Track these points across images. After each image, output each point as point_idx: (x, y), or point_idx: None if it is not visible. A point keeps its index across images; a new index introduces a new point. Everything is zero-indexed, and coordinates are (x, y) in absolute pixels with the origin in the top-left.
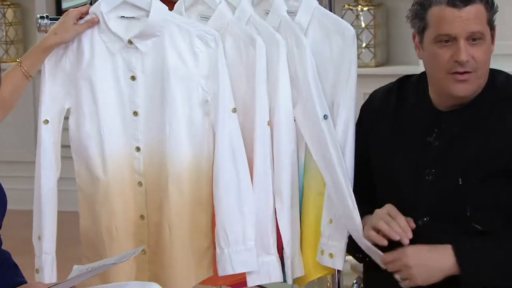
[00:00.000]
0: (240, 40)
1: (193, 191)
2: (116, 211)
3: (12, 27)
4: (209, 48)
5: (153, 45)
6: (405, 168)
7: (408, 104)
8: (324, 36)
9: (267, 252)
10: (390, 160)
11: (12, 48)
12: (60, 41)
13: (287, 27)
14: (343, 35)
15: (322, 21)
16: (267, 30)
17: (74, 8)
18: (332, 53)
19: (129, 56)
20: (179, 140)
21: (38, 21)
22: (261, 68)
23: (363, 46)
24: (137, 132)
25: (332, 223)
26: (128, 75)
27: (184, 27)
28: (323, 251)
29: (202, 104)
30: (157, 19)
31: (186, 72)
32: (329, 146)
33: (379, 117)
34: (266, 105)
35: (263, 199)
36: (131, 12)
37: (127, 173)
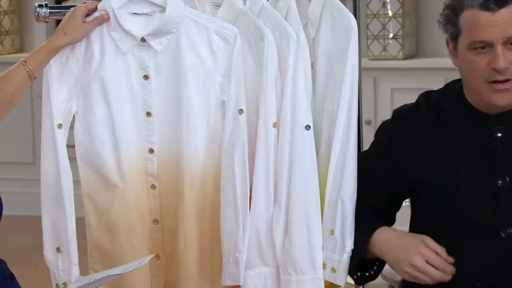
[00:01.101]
0: (249, 32)
1: (210, 196)
2: (135, 218)
3: (8, 16)
4: (227, 45)
5: (168, 43)
6: (472, 179)
7: (448, 115)
8: (333, 28)
9: (265, 264)
10: (451, 174)
11: (7, 39)
12: (70, 42)
13: (266, 15)
14: (345, 27)
15: (332, 12)
16: (280, 23)
17: (80, 5)
18: (337, 47)
19: (141, 55)
20: (196, 142)
21: (37, 10)
22: (270, 63)
23: (390, 36)
24: (150, 134)
25: (333, 234)
26: (141, 74)
27: (202, 23)
28: (325, 265)
29: (219, 104)
30: (174, 15)
31: (203, 71)
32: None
33: (418, 133)
34: (274, 105)
35: (262, 206)
36: (144, 8)
37: (140, 176)
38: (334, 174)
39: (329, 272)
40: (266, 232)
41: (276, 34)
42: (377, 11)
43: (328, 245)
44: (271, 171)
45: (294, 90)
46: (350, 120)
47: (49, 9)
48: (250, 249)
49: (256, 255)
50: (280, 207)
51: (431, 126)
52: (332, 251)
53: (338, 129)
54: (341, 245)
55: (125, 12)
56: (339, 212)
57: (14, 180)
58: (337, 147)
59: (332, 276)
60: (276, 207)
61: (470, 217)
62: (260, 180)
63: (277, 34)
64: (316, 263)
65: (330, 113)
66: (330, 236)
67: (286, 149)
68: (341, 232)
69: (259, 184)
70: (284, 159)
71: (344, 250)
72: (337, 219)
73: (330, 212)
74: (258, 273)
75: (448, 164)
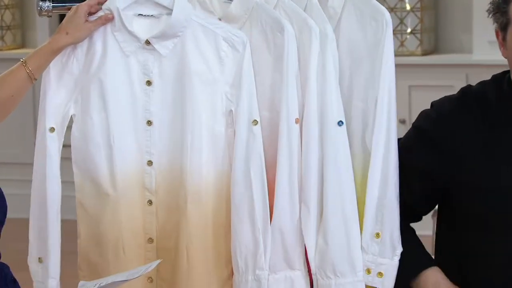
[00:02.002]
0: (266, 25)
1: (214, 211)
2: (125, 232)
3: (9, 11)
4: (235, 52)
5: (174, 47)
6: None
7: (495, 108)
8: (359, 21)
9: (291, 267)
10: (495, 170)
11: (8, 34)
12: (72, 42)
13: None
14: (377, 20)
15: (356, 4)
16: (299, 15)
17: (83, 3)
18: (366, 41)
19: (145, 59)
20: (201, 154)
21: (39, 3)
22: (290, 57)
23: (408, 31)
24: (149, 144)
25: (379, 237)
26: (144, 79)
27: (210, 28)
28: (370, 269)
29: (226, 114)
30: (181, 18)
31: (210, 78)
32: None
33: (463, 126)
34: (295, 100)
35: (287, 206)
36: (150, 10)
37: (136, 190)
38: (380, 175)
39: (375, 276)
40: (292, 234)
41: (295, 27)
42: (395, 5)
43: (372, 249)
44: (295, 169)
45: (323, 85)
46: (390, 118)
47: (52, 3)
48: (274, 252)
49: (281, 258)
50: (309, 207)
51: (477, 120)
52: (380, 255)
53: (379, 128)
54: (391, 248)
55: (131, 14)
56: (387, 214)
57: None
58: (380, 146)
59: (379, 281)
60: (303, 207)
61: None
62: (283, 179)
63: (296, 27)
64: (356, 265)
65: (361, 111)
66: (374, 239)
67: (315, 146)
68: (390, 234)
69: (282, 183)
70: (311, 156)
71: (394, 253)
72: (384, 221)
73: (374, 214)
74: (284, 277)
75: (492, 160)
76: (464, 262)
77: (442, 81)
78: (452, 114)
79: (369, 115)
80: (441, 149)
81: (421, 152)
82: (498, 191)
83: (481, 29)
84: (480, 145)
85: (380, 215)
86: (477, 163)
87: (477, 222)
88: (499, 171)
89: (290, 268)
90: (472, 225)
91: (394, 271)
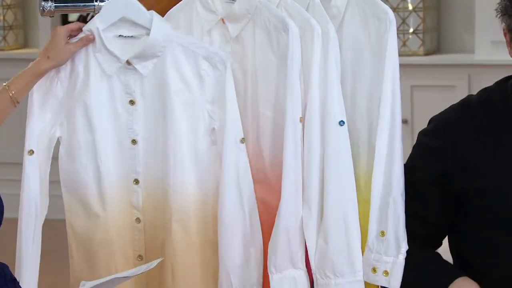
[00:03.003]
0: (270, 24)
1: (200, 229)
2: (116, 251)
3: (11, 11)
4: (216, 71)
5: (154, 67)
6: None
7: (501, 115)
8: (362, 21)
9: (294, 266)
10: (505, 176)
11: (10, 34)
12: (54, 65)
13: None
14: (380, 19)
15: (360, 3)
16: (301, 15)
17: (62, 26)
18: (370, 40)
19: (127, 79)
20: (184, 172)
21: (42, 3)
22: (294, 56)
23: (411, 31)
24: (135, 163)
25: (384, 236)
26: (126, 99)
27: (189, 48)
28: (376, 268)
29: (208, 132)
30: (159, 38)
31: (190, 97)
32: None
33: (469, 135)
34: (299, 99)
35: (292, 206)
36: (130, 31)
37: (124, 208)
38: (384, 174)
39: (381, 275)
40: (296, 233)
41: (298, 27)
42: (397, 5)
43: (377, 248)
44: (299, 169)
45: (325, 85)
46: (394, 118)
47: (54, 3)
48: (279, 251)
49: (286, 257)
50: (310, 207)
51: (483, 125)
52: (385, 253)
53: (383, 127)
54: (396, 246)
55: (111, 35)
56: (392, 212)
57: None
58: (384, 145)
59: (385, 280)
60: (305, 207)
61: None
62: (290, 178)
63: (299, 26)
64: (355, 265)
65: (366, 110)
66: (380, 238)
67: (316, 146)
68: (394, 233)
69: (288, 183)
70: (313, 156)
71: (399, 251)
72: (389, 219)
73: (379, 212)
74: (288, 276)
75: (499, 166)
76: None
77: (445, 81)
78: (452, 122)
79: (374, 114)
80: (445, 157)
81: (427, 165)
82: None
83: (484, 29)
84: (487, 149)
85: (385, 214)
86: (485, 167)
87: (491, 225)
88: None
89: (294, 267)
90: (487, 228)
91: (400, 270)
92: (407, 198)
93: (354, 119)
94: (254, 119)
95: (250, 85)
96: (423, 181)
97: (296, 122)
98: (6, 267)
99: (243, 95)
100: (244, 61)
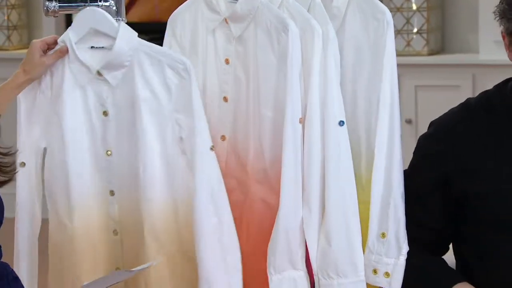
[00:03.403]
0: (271, 25)
1: (173, 239)
2: (83, 265)
3: (15, 10)
4: (182, 79)
5: (123, 77)
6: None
7: (501, 117)
8: (362, 21)
9: (294, 267)
10: (504, 179)
11: (15, 34)
12: (30, 78)
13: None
14: (378, 19)
15: (359, 3)
16: (302, 15)
17: (37, 40)
18: (369, 40)
19: (100, 89)
20: (154, 182)
21: (46, 3)
22: (294, 57)
23: (415, 31)
24: (110, 174)
25: (385, 237)
26: (100, 110)
27: (155, 56)
28: (377, 269)
29: (177, 141)
30: (124, 47)
31: (158, 106)
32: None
33: (469, 138)
34: (299, 100)
35: (292, 206)
36: (100, 42)
37: (100, 220)
38: (384, 175)
39: (382, 277)
40: (296, 235)
41: (298, 27)
42: (401, 5)
43: (378, 249)
44: (299, 169)
45: (324, 85)
46: (393, 118)
47: (58, 3)
48: (278, 252)
49: (285, 258)
50: (310, 208)
51: (483, 127)
52: (386, 255)
53: (382, 128)
54: (397, 248)
55: (84, 46)
56: (392, 213)
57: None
58: (383, 146)
59: (386, 281)
60: (305, 207)
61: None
62: (289, 179)
63: (300, 27)
64: (357, 265)
65: (365, 110)
66: (381, 239)
67: (317, 146)
68: (395, 234)
69: (288, 183)
70: (313, 156)
71: (400, 252)
72: (389, 221)
73: (380, 213)
74: (287, 277)
75: (500, 169)
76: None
77: (449, 81)
78: (452, 125)
79: (372, 115)
80: (446, 160)
81: (428, 169)
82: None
83: (488, 29)
84: (488, 151)
85: (385, 215)
86: (485, 169)
87: (491, 227)
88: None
89: (294, 268)
90: (487, 231)
91: (401, 271)
92: (409, 204)
93: (354, 119)
94: (256, 119)
95: (252, 85)
96: (424, 186)
97: (295, 123)
98: (8, 266)
99: (245, 95)
100: (246, 61)
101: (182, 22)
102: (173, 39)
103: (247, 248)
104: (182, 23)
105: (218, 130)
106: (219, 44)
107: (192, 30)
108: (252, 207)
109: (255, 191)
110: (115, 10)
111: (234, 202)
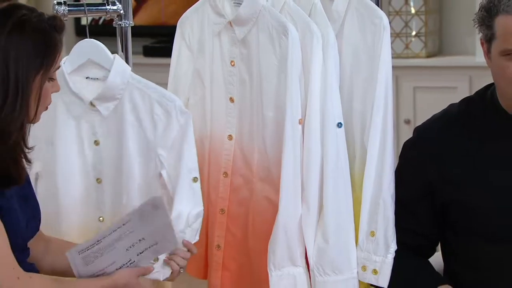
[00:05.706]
0: (273, 29)
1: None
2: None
3: None
4: (169, 116)
5: (114, 109)
6: (507, 192)
7: (480, 123)
8: (360, 25)
9: (294, 264)
10: (486, 187)
11: None
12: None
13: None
14: (375, 24)
15: (358, 8)
16: (302, 19)
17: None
18: (366, 44)
19: (92, 119)
20: None
21: (55, 7)
22: (294, 60)
23: (413, 34)
24: (99, 202)
25: (374, 236)
26: (92, 139)
27: (145, 92)
28: (365, 266)
29: (158, 176)
30: (117, 81)
31: (144, 140)
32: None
33: (451, 145)
34: (298, 102)
35: (291, 204)
36: (95, 73)
37: None
38: (374, 175)
39: (370, 274)
40: (295, 232)
41: (299, 31)
42: (400, 8)
43: (367, 247)
44: (298, 169)
45: (324, 88)
46: (386, 120)
47: (67, 7)
48: (278, 249)
49: (285, 255)
50: (309, 206)
51: (462, 135)
52: (374, 253)
53: (375, 129)
54: (385, 246)
55: (79, 77)
56: (381, 213)
57: None
58: (375, 147)
59: (374, 278)
60: (304, 206)
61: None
62: (288, 177)
63: (300, 30)
64: (352, 262)
65: (360, 113)
66: (370, 238)
67: (316, 147)
68: (384, 233)
69: (287, 182)
70: (313, 157)
71: (388, 251)
72: (379, 220)
73: (370, 213)
74: (287, 274)
75: (482, 177)
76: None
77: (446, 82)
78: (434, 133)
79: (367, 117)
80: (428, 169)
81: (411, 178)
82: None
83: None
84: (469, 158)
85: (375, 214)
86: (466, 177)
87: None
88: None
89: (293, 264)
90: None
91: (389, 269)
92: (396, 208)
93: (350, 121)
94: (259, 119)
95: (255, 86)
96: (410, 194)
97: (295, 124)
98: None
99: (249, 95)
100: (250, 63)
101: (190, 25)
102: (182, 41)
103: (253, 244)
104: (191, 26)
105: (226, 130)
106: (225, 47)
107: (199, 33)
108: (257, 204)
109: (260, 189)
110: (123, 13)
111: (241, 199)
